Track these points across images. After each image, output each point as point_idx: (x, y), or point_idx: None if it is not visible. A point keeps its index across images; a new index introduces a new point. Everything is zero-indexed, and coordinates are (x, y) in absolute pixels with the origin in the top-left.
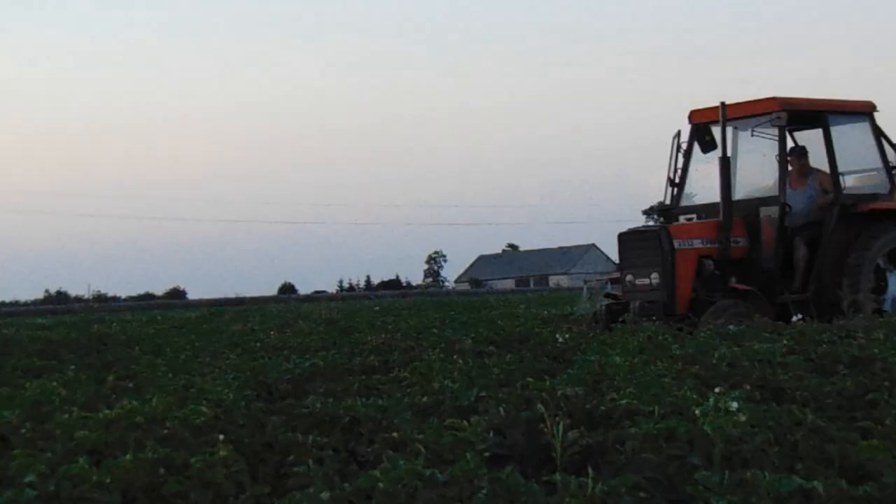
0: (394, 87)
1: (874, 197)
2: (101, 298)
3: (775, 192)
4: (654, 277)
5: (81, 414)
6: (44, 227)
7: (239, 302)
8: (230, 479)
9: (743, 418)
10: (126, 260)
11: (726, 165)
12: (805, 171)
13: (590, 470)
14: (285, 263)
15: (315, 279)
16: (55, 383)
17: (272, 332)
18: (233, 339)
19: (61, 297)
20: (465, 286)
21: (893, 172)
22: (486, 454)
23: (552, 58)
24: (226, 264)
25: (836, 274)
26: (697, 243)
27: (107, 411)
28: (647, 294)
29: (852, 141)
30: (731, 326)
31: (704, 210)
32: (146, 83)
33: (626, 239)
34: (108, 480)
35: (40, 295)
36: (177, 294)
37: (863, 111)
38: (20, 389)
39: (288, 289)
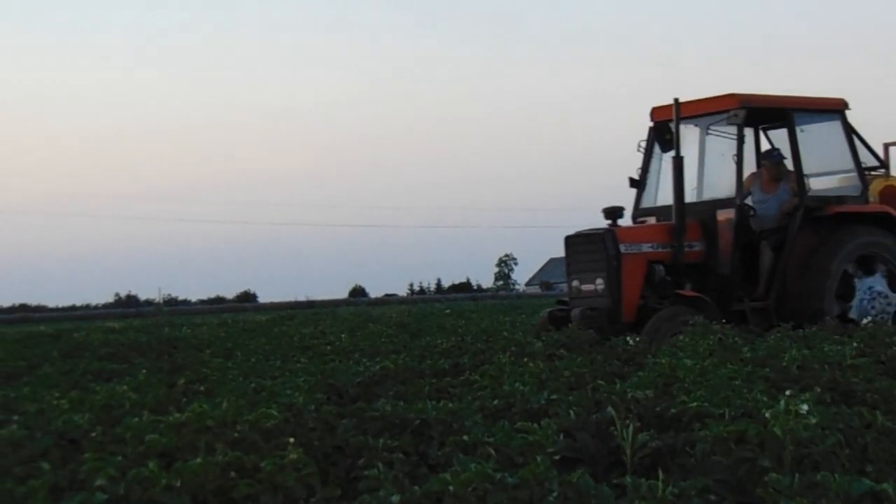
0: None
1: (841, 199)
2: (171, 302)
3: (733, 194)
4: (599, 283)
5: (152, 417)
6: (115, 231)
7: (309, 305)
8: (300, 482)
9: (813, 421)
10: (197, 263)
11: (679, 165)
12: (780, 174)
13: (660, 473)
14: (356, 266)
15: (386, 282)
16: (125, 387)
17: (343, 336)
18: (303, 343)
19: (132, 300)
20: (535, 289)
21: (868, 174)
22: (556, 457)
23: (630, 59)
24: (296, 267)
25: (800, 281)
26: (647, 247)
27: (177, 415)
28: (591, 301)
29: (823, 141)
30: (678, 336)
31: (664, 212)
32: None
33: (572, 242)
34: (178, 484)
35: (111, 298)
36: (247, 297)
37: (833, 109)
38: (91, 393)
39: (358, 292)
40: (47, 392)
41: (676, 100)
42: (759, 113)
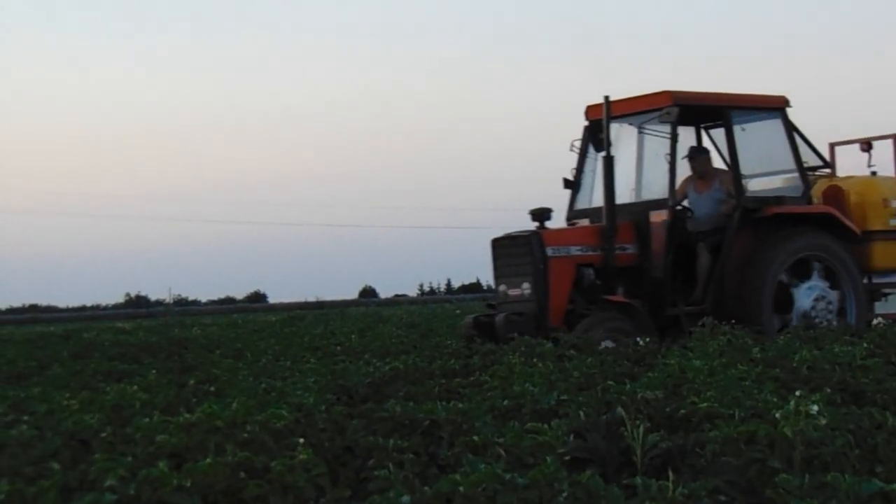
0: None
1: (780, 200)
2: (181, 302)
3: (666, 195)
4: (526, 287)
5: (162, 418)
6: (125, 232)
7: (319, 306)
8: (310, 482)
9: (823, 421)
10: (207, 263)
11: (610, 165)
12: (706, 171)
13: (670, 473)
14: (366, 267)
15: (396, 283)
16: (135, 387)
17: (353, 336)
18: (313, 343)
19: (142, 301)
20: None
21: (813, 174)
22: (567, 458)
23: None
24: (306, 268)
25: (738, 285)
26: (575, 250)
27: (187, 415)
28: (517, 305)
29: (763, 140)
30: (604, 343)
31: (599, 214)
32: (219, 85)
33: (499, 245)
34: (188, 484)
35: (121, 299)
36: (257, 298)
37: (774, 107)
38: (101, 394)
39: (368, 292)
40: (57, 392)
41: (607, 98)
42: (695, 111)
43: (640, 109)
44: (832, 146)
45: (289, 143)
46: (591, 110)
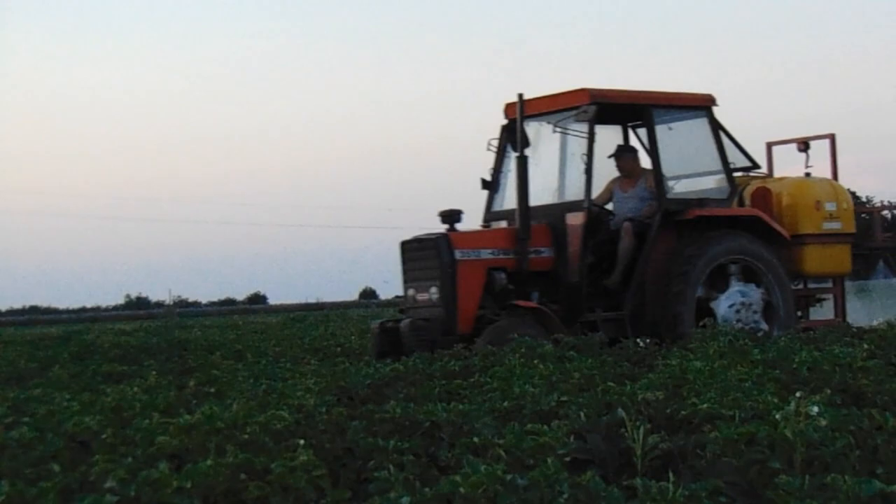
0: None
1: (703, 202)
2: (182, 303)
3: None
4: (434, 292)
5: (162, 419)
6: (125, 233)
7: (319, 307)
8: (311, 484)
9: (823, 423)
10: (207, 265)
11: (523, 166)
12: (635, 172)
13: (670, 474)
14: (366, 268)
15: (396, 285)
16: (136, 389)
17: (353, 337)
18: (314, 345)
19: (142, 302)
20: None
21: (747, 174)
22: (567, 459)
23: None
24: (307, 269)
25: (658, 289)
26: (486, 254)
27: (187, 416)
28: (425, 311)
29: (689, 139)
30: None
31: (515, 216)
32: (220, 89)
33: (407, 248)
34: (189, 486)
35: (121, 300)
36: (257, 299)
37: (699, 106)
38: (101, 395)
39: (369, 294)
40: (58, 394)
41: (520, 95)
42: (614, 109)
43: (557, 108)
44: (769, 146)
45: (290, 146)
46: (509, 108)
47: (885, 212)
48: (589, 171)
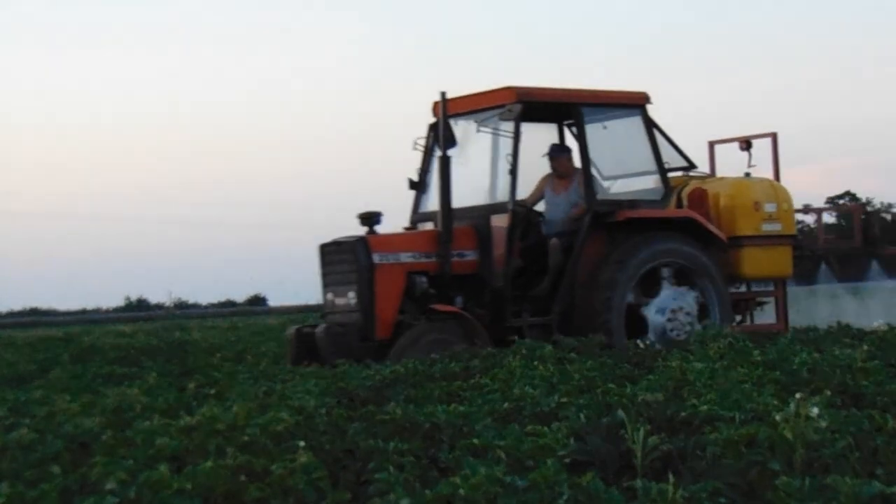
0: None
1: (634, 204)
2: (181, 305)
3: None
4: (352, 297)
5: (162, 421)
6: (125, 234)
7: (319, 309)
8: (311, 485)
9: (823, 424)
10: (207, 266)
11: (445, 166)
12: (569, 172)
13: (670, 476)
14: None
15: None
16: (136, 390)
17: None
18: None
19: (142, 304)
20: None
21: (686, 175)
22: (567, 460)
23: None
24: (306, 271)
25: (587, 294)
26: (406, 257)
27: (187, 418)
28: (343, 316)
29: (622, 139)
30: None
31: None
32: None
33: (325, 251)
34: (189, 487)
35: (121, 302)
36: (257, 301)
37: (632, 104)
38: (101, 397)
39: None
40: (58, 395)
41: (443, 94)
42: (541, 108)
43: (483, 106)
44: (711, 145)
45: (290, 146)
46: (437, 106)
47: (826, 213)
48: (514, 171)
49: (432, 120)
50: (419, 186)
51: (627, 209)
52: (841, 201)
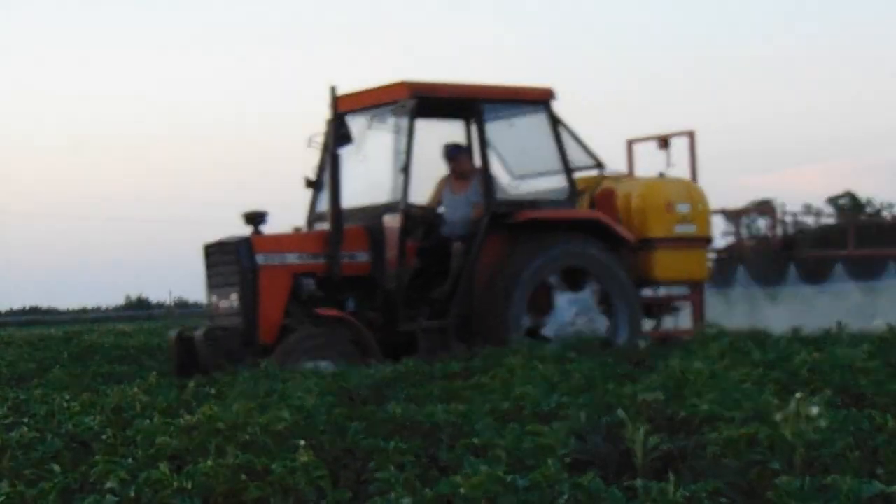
0: None
1: (535, 204)
2: (182, 304)
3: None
4: (234, 299)
5: (162, 420)
6: (125, 233)
7: None
8: (311, 485)
9: (824, 423)
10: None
11: (335, 164)
12: (468, 171)
13: (671, 475)
14: None
15: None
16: (136, 389)
17: None
18: None
19: (142, 303)
20: None
21: (600, 174)
22: (567, 460)
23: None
24: None
25: (486, 297)
26: (293, 258)
27: (188, 417)
28: (225, 319)
29: (525, 137)
30: (313, 364)
31: (344, 216)
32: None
33: (209, 252)
34: (189, 486)
35: (121, 301)
36: None
37: (535, 100)
38: (101, 396)
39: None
40: (58, 394)
41: (333, 89)
42: (439, 104)
43: (378, 102)
44: (630, 143)
45: (285, 145)
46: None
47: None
48: (406, 169)
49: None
50: (316, 185)
51: (528, 210)
52: (841, 201)
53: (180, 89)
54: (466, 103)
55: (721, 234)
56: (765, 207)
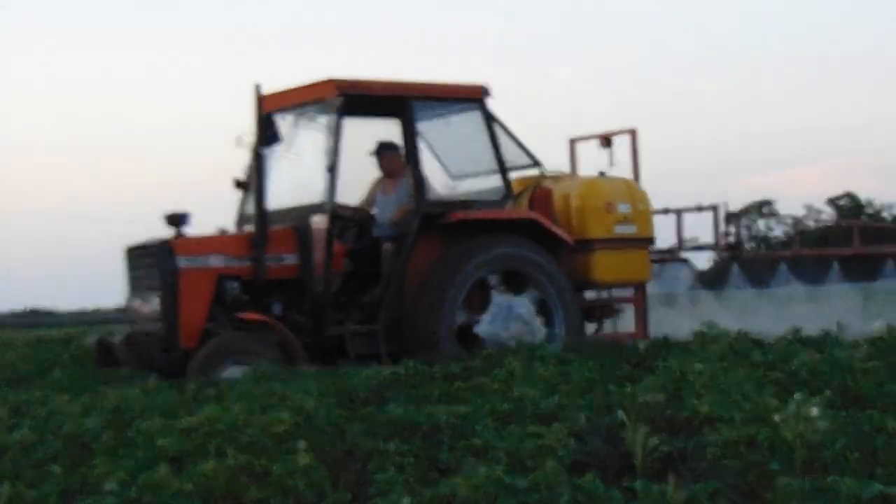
0: None
1: (467, 204)
2: None
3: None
4: (156, 303)
5: (162, 421)
6: (125, 234)
7: None
8: (311, 486)
9: (823, 424)
10: None
11: (260, 163)
12: (399, 171)
13: (670, 476)
14: None
15: None
16: (136, 391)
17: None
18: None
19: None
20: None
21: (545, 172)
22: (567, 461)
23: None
24: None
25: (417, 300)
26: (216, 261)
27: (188, 419)
28: (148, 324)
29: (459, 135)
30: (231, 370)
31: (274, 217)
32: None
33: (130, 255)
34: (189, 488)
35: (121, 302)
36: None
37: (468, 97)
38: (101, 397)
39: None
40: (58, 396)
41: (258, 86)
42: (369, 102)
43: (305, 100)
44: (572, 142)
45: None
46: (264, 101)
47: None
48: (333, 169)
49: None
50: (245, 186)
51: (460, 210)
52: (841, 202)
53: (181, 85)
54: (396, 101)
55: (722, 235)
56: (706, 208)
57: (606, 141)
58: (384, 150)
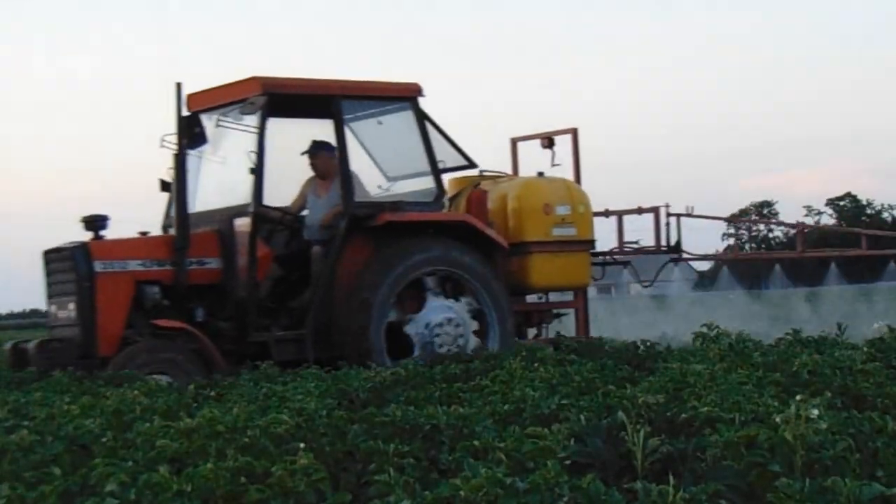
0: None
1: (397, 206)
2: None
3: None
4: (72, 309)
5: (162, 423)
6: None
7: None
8: (311, 487)
9: (824, 426)
10: None
11: (180, 164)
12: (331, 172)
13: (671, 477)
14: None
15: None
16: (136, 392)
17: None
18: None
19: None
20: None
21: (484, 173)
22: (567, 462)
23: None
24: None
25: (345, 305)
26: (135, 265)
27: (188, 420)
28: (64, 330)
29: (390, 135)
30: (154, 379)
31: (200, 219)
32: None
33: (47, 258)
34: (189, 489)
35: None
36: None
37: (400, 96)
38: (102, 398)
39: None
40: (58, 397)
41: (178, 85)
42: (296, 101)
43: (230, 99)
44: (514, 142)
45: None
46: (190, 100)
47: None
48: (257, 170)
49: (185, 114)
50: (171, 188)
51: (389, 212)
52: (841, 203)
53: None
54: (325, 100)
55: (723, 237)
56: (647, 209)
57: (549, 141)
58: (317, 150)
